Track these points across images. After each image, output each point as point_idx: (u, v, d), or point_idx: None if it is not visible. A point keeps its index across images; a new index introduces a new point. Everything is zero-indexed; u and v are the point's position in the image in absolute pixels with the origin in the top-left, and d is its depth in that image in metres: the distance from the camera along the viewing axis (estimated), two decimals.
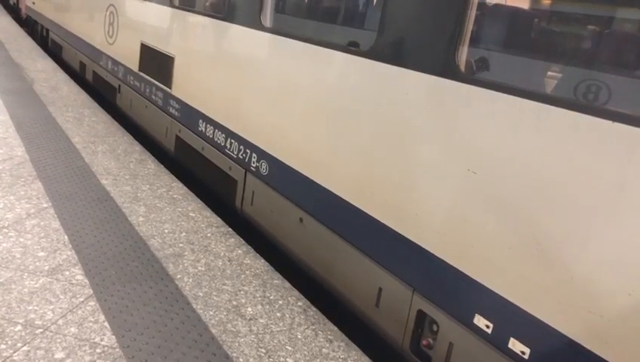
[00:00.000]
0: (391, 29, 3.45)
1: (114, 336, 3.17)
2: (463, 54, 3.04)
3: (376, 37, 3.54)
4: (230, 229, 4.91)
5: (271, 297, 3.88)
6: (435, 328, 3.18)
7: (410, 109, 3.28)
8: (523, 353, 2.67)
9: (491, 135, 2.81)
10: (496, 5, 3.39)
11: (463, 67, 3.04)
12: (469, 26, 3.00)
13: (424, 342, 3.25)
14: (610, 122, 2.33)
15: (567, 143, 2.49)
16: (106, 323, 3.27)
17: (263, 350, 3.28)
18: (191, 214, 5.06)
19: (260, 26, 4.74)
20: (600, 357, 2.36)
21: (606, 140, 2.35)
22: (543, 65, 3.11)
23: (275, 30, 4.62)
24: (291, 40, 4.37)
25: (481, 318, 2.87)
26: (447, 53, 3.04)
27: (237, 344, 3.29)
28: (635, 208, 2.26)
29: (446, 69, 3.05)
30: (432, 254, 3.13)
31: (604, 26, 2.89)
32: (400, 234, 3.33)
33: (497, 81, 2.82)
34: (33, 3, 14.77)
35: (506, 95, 2.74)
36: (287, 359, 3.24)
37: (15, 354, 2.90)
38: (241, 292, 3.88)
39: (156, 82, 6.88)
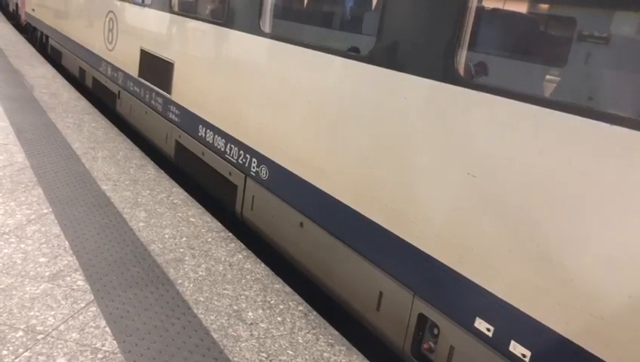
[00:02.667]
0: (390, 33, 3.47)
1: (115, 341, 3.17)
2: (462, 59, 3.06)
3: (375, 42, 3.56)
4: (230, 234, 4.92)
5: (272, 302, 3.88)
6: (436, 332, 3.18)
7: (410, 114, 3.29)
8: (524, 356, 2.67)
9: (490, 138, 2.82)
10: (495, 10, 3.41)
11: (462, 71, 3.06)
12: (468, 30, 3.01)
13: (425, 346, 3.26)
14: (614, 126, 2.34)
15: (565, 146, 2.50)
16: (108, 329, 3.27)
17: (264, 354, 3.28)
18: (191, 219, 5.07)
19: (259, 32, 4.77)
20: (601, 360, 2.37)
21: (608, 145, 2.36)
22: (542, 68, 3.13)
23: (274, 36, 4.65)
24: (290, 45, 4.39)
25: (482, 321, 2.87)
26: (446, 58, 3.05)
27: (238, 348, 3.30)
28: (634, 210, 2.27)
29: (445, 74, 3.07)
30: (433, 258, 3.14)
31: (607, 29, 2.90)
32: (400, 238, 3.34)
33: (496, 85, 2.84)
34: (33, 10, 14.82)
35: (504, 99, 2.76)
36: None
37: (17, 359, 2.90)
38: (242, 296, 3.88)
39: (156, 88, 6.89)
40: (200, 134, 5.79)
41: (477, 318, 2.90)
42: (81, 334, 3.19)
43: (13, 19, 19.52)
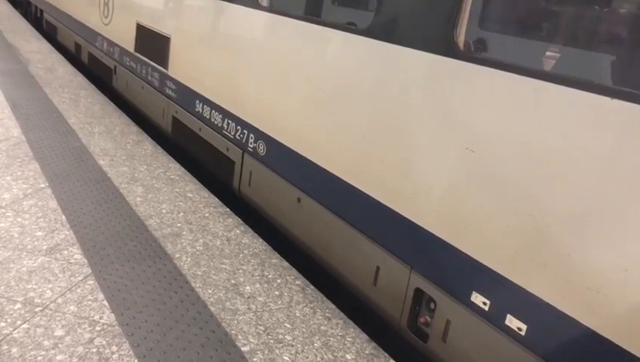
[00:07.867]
0: (389, 6, 3.42)
1: (113, 314, 3.18)
2: (462, 32, 3.02)
3: (374, 15, 3.52)
4: (228, 209, 4.91)
5: (269, 276, 3.89)
6: (432, 306, 3.20)
7: (409, 88, 3.26)
8: (520, 329, 2.69)
9: (489, 113, 2.80)
10: None
11: (461, 45, 3.02)
12: (468, 3, 2.97)
13: (421, 320, 3.28)
14: (610, 99, 2.33)
15: (564, 120, 2.49)
16: (105, 302, 3.28)
17: (262, 327, 3.31)
18: (188, 194, 5.06)
19: (256, 5, 4.70)
20: (597, 333, 2.39)
21: (607, 118, 2.35)
22: (543, 43, 3.09)
23: (271, 9, 4.58)
24: (288, 19, 4.33)
25: (478, 295, 2.89)
26: (446, 31, 3.02)
27: (236, 321, 3.32)
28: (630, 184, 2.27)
29: (444, 47, 3.03)
30: (430, 232, 3.14)
31: (605, 5, 2.86)
32: (397, 213, 3.34)
33: (496, 59, 2.81)
34: None
35: (504, 72, 2.73)
36: (286, 336, 3.27)
37: (15, 331, 2.92)
38: (240, 271, 3.89)
39: (152, 63, 6.82)
40: (197, 110, 5.75)
41: (473, 292, 2.91)
42: (79, 307, 3.20)
43: None
